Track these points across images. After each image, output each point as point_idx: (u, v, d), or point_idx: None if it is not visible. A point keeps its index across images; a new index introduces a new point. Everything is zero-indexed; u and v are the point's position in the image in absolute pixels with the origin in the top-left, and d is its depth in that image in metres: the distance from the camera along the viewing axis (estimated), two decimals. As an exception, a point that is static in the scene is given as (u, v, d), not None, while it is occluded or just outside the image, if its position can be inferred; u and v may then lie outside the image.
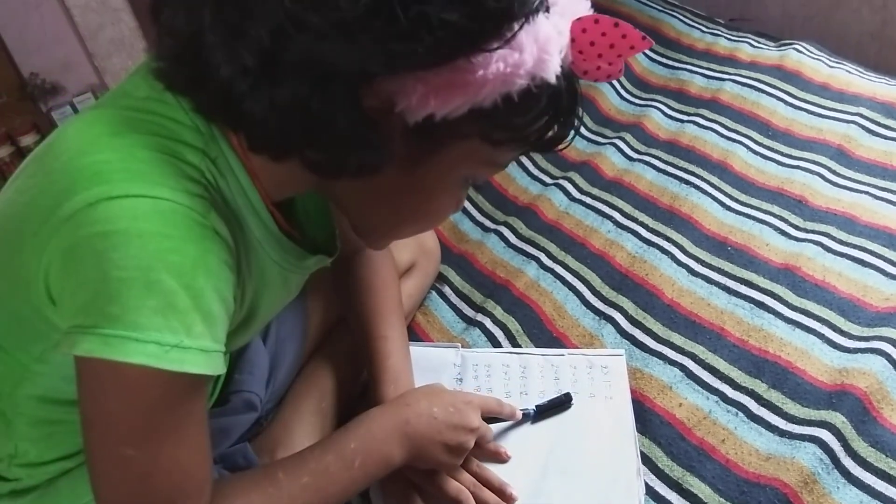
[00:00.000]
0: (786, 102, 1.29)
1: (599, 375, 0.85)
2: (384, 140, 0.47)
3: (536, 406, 0.80)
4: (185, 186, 0.45)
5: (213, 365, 0.46)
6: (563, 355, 0.87)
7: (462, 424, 0.69)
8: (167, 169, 0.45)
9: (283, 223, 0.57)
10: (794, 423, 0.79)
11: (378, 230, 0.61)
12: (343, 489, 0.63)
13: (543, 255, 1.06)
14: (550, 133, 0.52)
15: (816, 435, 0.76)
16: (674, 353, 0.89)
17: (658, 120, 1.32)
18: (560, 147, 0.54)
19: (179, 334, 0.44)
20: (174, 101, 0.48)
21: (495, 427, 0.77)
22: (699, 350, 0.89)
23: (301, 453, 0.63)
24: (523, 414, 0.79)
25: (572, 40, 0.49)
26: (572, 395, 0.81)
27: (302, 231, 0.65)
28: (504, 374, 0.86)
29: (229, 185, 0.50)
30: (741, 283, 0.96)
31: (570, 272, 1.03)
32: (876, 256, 0.97)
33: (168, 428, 0.47)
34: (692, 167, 1.18)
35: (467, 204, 1.19)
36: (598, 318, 0.95)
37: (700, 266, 1.00)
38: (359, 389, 0.87)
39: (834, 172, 1.13)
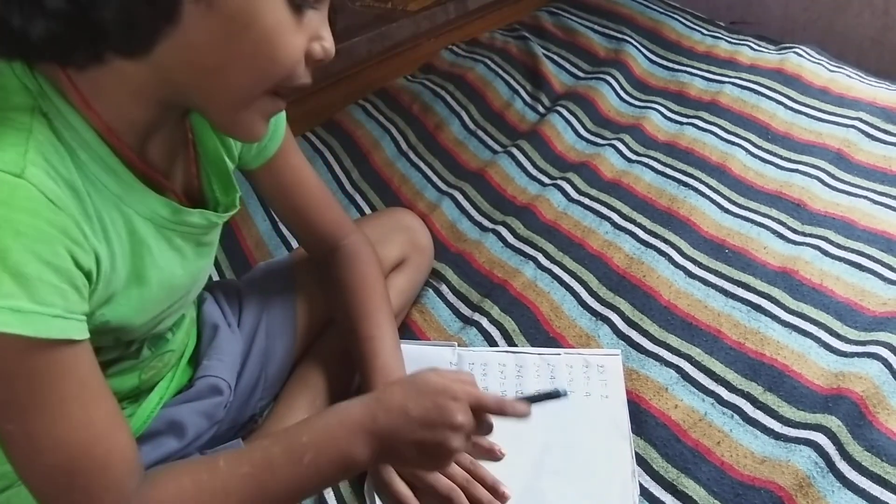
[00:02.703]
0: (785, 106, 1.29)
1: (595, 375, 0.84)
2: None
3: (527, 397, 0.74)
4: (2, 150, 0.45)
5: (31, 326, 0.45)
6: (559, 354, 0.87)
7: (441, 421, 0.58)
8: None
9: (149, 172, 0.55)
10: (789, 426, 0.79)
11: (229, 99, 0.53)
12: (287, 486, 0.57)
13: (541, 255, 1.06)
14: None
15: (812, 438, 0.76)
16: (670, 354, 0.89)
17: (657, 122, 1.32)
18: None
19: None
20: (4, 69, 0.49)
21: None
22: (696, 352, 0.89)
23: (252, 443, 0.60)
24: (535, 398, 0.68)
25: None
26: (567, 392, 0.76)
27: (207, 198, 0.65)
28: (500, 372, 0.86)
29: (71, 142, 0.50)
30: (738, 286, 0.96)
31: (567, 273, 1.02)
32: (873, 261, 0.97)
33: (32, 401, 0.47)
34: (691, 169, 1.18)
35: (465, 203, 1.19)
36: (594, 318, 0.95)
37: (698, 268, 1.00)
38: (354, 386, 0.86)
39: (833, 176, 1.13)
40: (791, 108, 1.29)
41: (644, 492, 0.75)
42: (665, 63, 1.48)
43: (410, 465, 0.68)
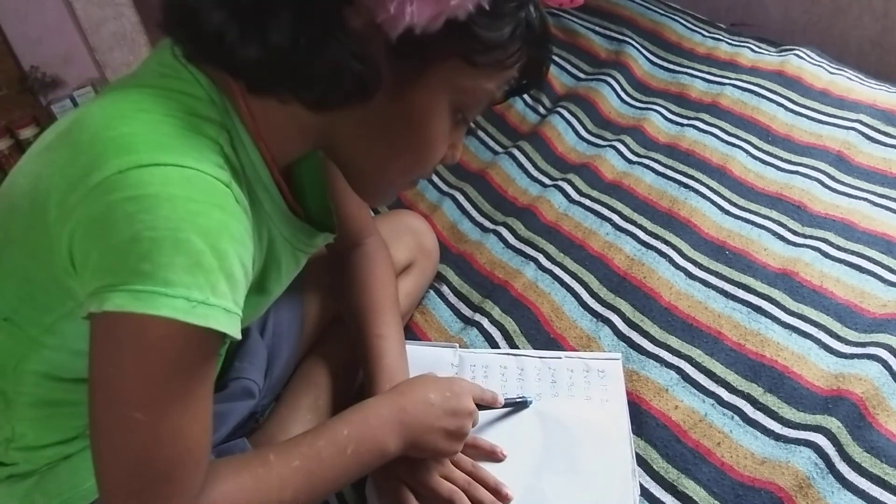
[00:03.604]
0: (786, 108, 1.30)
1: (596, 379, 0.85)
2: (371, 59, 0.49)
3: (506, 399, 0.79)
4: (209, 157, 0.48)
5: (233, 326, 0.48)
6: (560, 358, 0.87)
7: (460, 409, 0.70)
8: (191, 141, 0.48)
9: (290, 200, 0.59)
10: (789, 427, 0.79)
11: (372, 172, 0.61)
12: (334, 476, 0.62)
13: (542, 256, 1.06)
14: (525, 57, 0.55)
15: (812, 439, 0.77)
16: (670, 355, 0.89)
17: (658, 123, 1.32)
18: (540, 77, 0.59)
19: (206, 291, 0.45)
20: (189, 76, 0.52)
21: (492, 420, 0.77)
22: (696, 353, 0.89)
23: (294, 438, 0.63)
24: (507, 403, 0.79)
25: None
26: (532, 402, 0.81)
27: (308, 213, 0.67)
28: (501, 375, 0.86)
29: (243, 160, 0.53)
30: (739, 288, 0.97)
31: (568, 274, 1.03)
32: (873, 263, 0.97)
33: (178, 392, 0.47)
34: (691, 171, 1.19)
35: (467, 204, 1.20)
36: (595, 319, 0.95)
37: (698, 270, 1.01)
38: (356, 387, 0.87)
39: (833, 178, 1.14)
40: (791, 111, 1.29)
41: (644, 492, 0.75)
42: (666, 65, 1.48)
43: (434, 452, 0.70)
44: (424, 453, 0.69)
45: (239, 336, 0.49)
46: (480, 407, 0.75)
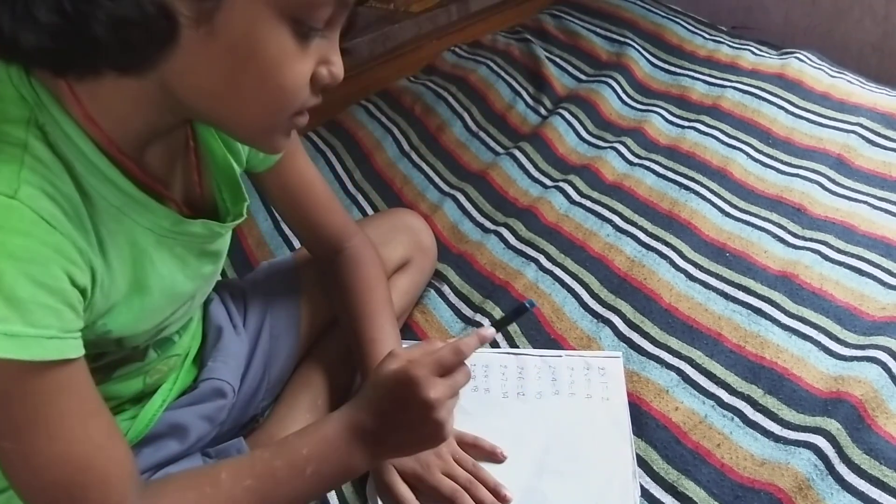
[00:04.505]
0: (787, 111, 1.30)
1: (596, 377, 0.85)
2: (154, 3, 0.43)
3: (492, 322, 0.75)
4: None
5: (25, 349, 0.44)
6: (560, 357, 0.87)
7: (415, 402, 0.59)
8: None
9: (150, 183, 0.54)
10: (789, 429, 0.79)
11: (242, 121, 0.53)
12: (291, 497, 0.59)
13: (543, 257, 1.06)
14: None
15: (811, 441, 0.77)
16: (671, 357, 0.89)
17: (659, 125, 1.33)
18: None
19: None
20: (3, 76, 0.48)
21: (493, 420, 0.77)
22: (696, 355, 0.89)
23: (251, 454, 0.60)
24: (502, 320, 0.69)
25: None
26: (533, 304, 0.68)
27: (213, 206, 0.64)
28: (502, 374, 0.86)
29: (69, 154, 0.49)
30: (739, 290, 0.97)
31: (569, 275, 1.03)
32: (873, 266, 0.98)
33: (30, 419, 0.46)
34: (692, 173, 1.19)
35: (467, 204, 1.20)
36: (596, 320, 0.95)
37: (698, 271, 1.01)
38: (354, 386, 0.87)
39: (833, 181, 1.14)
40: (792, 114, 1.29)
41: (644, 493, 0.75)
42: (667, 67, 1.48)
43: (414, 451, 0.67)
44: (410, 450, 0.66)
45: (48, 357, 0.45)
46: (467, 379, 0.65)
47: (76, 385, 0.49)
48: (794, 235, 1.05)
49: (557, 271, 1.03)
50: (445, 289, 1.03)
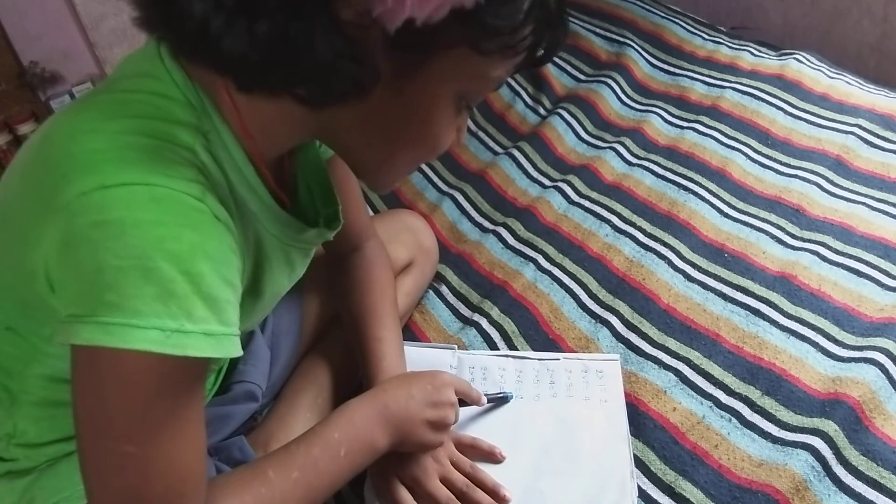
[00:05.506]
0: (785, 112, 1.30)
1: (594, 379, 0.85)
2: (367, 55, 0.45)
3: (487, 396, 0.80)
4: (179, 172, 0.45)
5: (220, 348, 0.46)
6: (558, 359, 0.87)
7: (441, 400, 0.70)
8: (161, 154, 0.45)
9: (277, 192, 0.57)
10: (786, 430, 0.80)
11: (377, 163, 0.57)
12: (331, 480, 0.62)
13: (541, 256, 1.06)
14: (539, 42, 0.50)
15: (809, 442, 0.77)
16: (669, 357, 0.89)
17: (658, 126, 1.33)
18: (553, 55, 0.53)
19: (180, 319, 0.43)
20: (165, 76, 0.49)
21: (490, 421, 0.78)
22: (694, 355, 0.89)
23: (287, 448, 0.62)
24: (489, 399, 0.80)
25: None
26: (513, 396, 0.83)
27: (302, 206, 0.66)
28: (500, 377, 0.86)
29: (224, 162, 0.51)
30: (737, 290, 0.97)
31: (567, 275, 1.03)
32: (871, 267, 0.98)
33: (167, 421, 0.46)
34: (691, 173, 1.19)
35: (466, 204, 1.20)
36: (594, 321, 0.95)
37: (696, 272, 1.01)
38: (355, 387, 0.87)
39: (832, 182, 1.14)
40: (791, 114, 1.29)
41: (642, 494, 0.76)
42: (666, 67, 1.48)
43: (421, 443, 0.70)
44: (411, 446, 0.70)
45: (231, 355, 0.47)
46: (463, 404, 0.76)
47: (204, 387, 0.50)
48: (793, 236, 1.05)
49: (556, 271, 1.03)
50: (444, 288, 1.03)
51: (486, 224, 1.15)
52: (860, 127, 1.23)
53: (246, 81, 0.46)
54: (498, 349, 0.93)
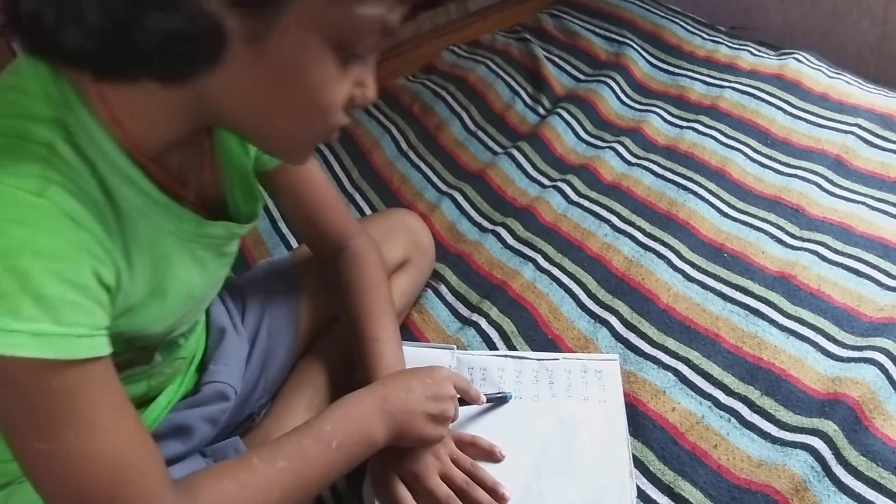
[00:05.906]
0: (785, 111, 1.30)
1: (594, 379, 0.85)
2: (206, 17, 0.42)
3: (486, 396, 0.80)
4: (18, 168, 0.44)
5: (53, 348, 0.44)
6: (557, 359, 0.87)
7: (441, 393, 0.70)
8: (4, 152, 0.44)
9: (172, 187, 0.54)
10: (786, 430, 0.79)
11: (272, 136, 0.54)
12: (322, 471, 0.61)
13: (540, 256, 1.06)
14: None
15: (808, 443, 0.77)
16: (668, 357, 0.89)
17: (657, 125, 1.33)
18: None
19: (5, 318, 0.42)
20: (28, 70, 0.47)
21: (490, 421, 0.78)
22: (693, 355, 0.89)
23: (277, 440, 0.62)
24: (488, 399, 0.79)
25: None
26: (512, 396, 0.82)
27: (238, 205, 0.64)
28: (499, 377, 0.86)
29: (92, 156, 0.48)
30: (736, 290, 0.97)
31: (566, 275, 1.03)
32: (871, 267, 0.98)
33: (65, 418, 0.46)
34: (690, 173, 1.19)
35: (465, 204, 1.20)
36: (593, 321, 0.95)
37: (696, 272, 1.01)
38: (353, 387, 0.86)
39: (831, 182, 1.14)
40: (790, 114, 1.29)
41: (641, 494, 0.75)
42: (665, 67, 1.48)
43: (420, 437, 0.69)
44: (411, 440, 0.69)
45: (77, 356, 0.45)
46: (462, 403, 0.75)
47: (106, 381, 0.49)
48: (792, 236, 1.05)
49: (555, 271, 1.03)
50: (443, 288, 1.03)
51: (486, 224, 1.15)
52: (860, 126, 1.23)
53: (96, 71, 0.45)
54: (497, 349, 0.93)
